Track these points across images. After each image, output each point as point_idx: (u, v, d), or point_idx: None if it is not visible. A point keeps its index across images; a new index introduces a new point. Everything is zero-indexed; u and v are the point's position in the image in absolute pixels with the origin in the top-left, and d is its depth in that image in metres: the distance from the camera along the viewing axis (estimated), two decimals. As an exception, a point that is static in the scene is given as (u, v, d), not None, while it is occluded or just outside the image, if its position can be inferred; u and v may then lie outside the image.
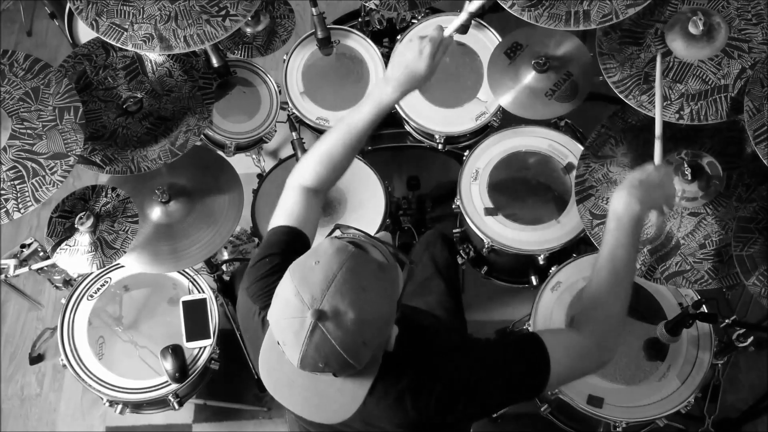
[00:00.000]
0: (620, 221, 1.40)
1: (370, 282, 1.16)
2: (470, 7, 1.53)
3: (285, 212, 1.45)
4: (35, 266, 1.98)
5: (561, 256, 2.14)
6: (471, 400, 1.29)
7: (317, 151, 1.48)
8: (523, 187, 2.23)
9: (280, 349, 1.18)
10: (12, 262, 1.97)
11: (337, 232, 1.28)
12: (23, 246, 1.98)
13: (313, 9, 2.17)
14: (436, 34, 1.41)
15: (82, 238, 1.89)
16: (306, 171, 1.48)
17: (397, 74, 1.42)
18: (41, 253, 1.99)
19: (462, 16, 1.54)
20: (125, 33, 1.79)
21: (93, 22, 1.80)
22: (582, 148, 1.97)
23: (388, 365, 1.23)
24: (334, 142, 1.46)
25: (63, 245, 1.90)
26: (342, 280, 1.12)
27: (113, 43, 1.80)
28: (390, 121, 2.43)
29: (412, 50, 1.41)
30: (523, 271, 2.34)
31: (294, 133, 2.21)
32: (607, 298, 1.39)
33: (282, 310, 1.14)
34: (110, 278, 2.19)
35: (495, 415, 2.41)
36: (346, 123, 1.45)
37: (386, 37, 2.61)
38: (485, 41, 2.32)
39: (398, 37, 2.37)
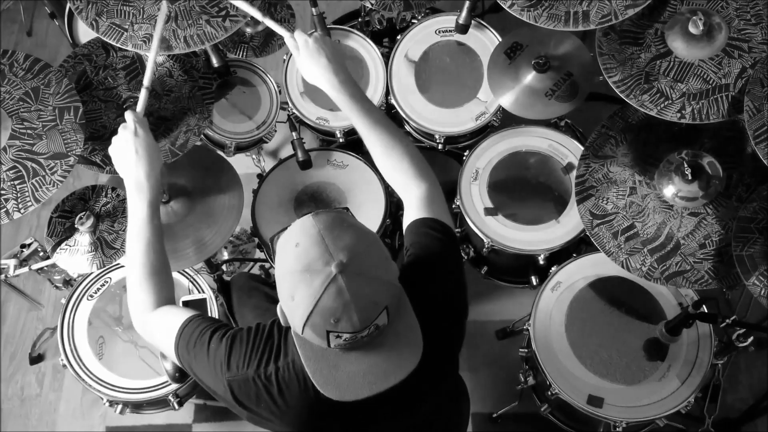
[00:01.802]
0: (341, 89, 1.58)
1: (344, 217, 1.22)
2: (145, 82, 1.68)
3: (173, 319, 1.43)
4: (35, 266, 1.98)
5: (561, 256, 2.14)
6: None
7: (139, 277, 1.49)
8: (523, 187, 2.23)
9: (327, 357, 1.19)
10: (12, 262, 1.97)
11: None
12: (23, 246, 1.98)
13: (313, 9, 2.16)
14: (127, 119, 1.57)
15: (82, 238, 1.89)
16: (147, 296, 1.48)
17: (132, 170, 1.53)
18: (41, 253, 1.99)
19: (142, 94, 1.67)
20: (125, 33, 1.79)
21: (93, 22, 1.80)
22: (582, 148, 1.97)
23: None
24: (146, 254, 1.49)
25: (63, 245, 1.90)
26: (328, 232, 1.16)
27: (113, 43, 1.79)
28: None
29: (122, 141, 1.55)
30: (523, 271, 2.34)
31: (294, 133, 2.21)
32: (403, 143, 1.54)
33: (312, 295, 1.13)
34: (110, 278, 2.19)
35: (495, 415, 2.41)
36: (137, 235, 1.50)
37: (386, 37, 2.61)
38: (485, 41, 2.32)
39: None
